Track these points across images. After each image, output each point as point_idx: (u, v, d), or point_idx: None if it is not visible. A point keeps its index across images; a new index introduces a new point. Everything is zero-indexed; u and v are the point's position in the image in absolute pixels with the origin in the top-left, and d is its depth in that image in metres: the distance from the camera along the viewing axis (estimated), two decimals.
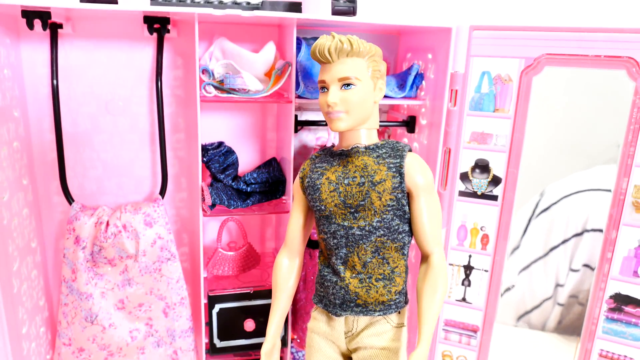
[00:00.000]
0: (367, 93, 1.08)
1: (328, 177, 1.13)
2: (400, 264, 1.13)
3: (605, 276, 1.50)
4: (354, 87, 1.06)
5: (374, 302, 1.11)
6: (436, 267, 1.10)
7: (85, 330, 1.54)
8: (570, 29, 1.37)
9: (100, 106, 1.60)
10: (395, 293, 1.12)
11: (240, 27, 1.64)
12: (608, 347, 1.53)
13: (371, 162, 1.09)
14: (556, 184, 1.92)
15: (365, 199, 1.07)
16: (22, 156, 1.47)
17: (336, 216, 1.11)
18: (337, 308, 1.14)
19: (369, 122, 1.12)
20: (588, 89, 1.50)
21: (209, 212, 1.50)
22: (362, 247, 1.10)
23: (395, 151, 1.10)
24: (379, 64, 1.10)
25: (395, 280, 1.12)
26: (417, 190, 1.09)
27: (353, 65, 1.06)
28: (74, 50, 1.53)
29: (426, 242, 1.12)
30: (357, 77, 1.06)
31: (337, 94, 1.06)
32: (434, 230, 1.11)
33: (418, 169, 1.09)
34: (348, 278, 1.11)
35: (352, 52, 1.05)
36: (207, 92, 1.45)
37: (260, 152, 1.80)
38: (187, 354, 1.66)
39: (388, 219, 1.08)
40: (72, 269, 1.53)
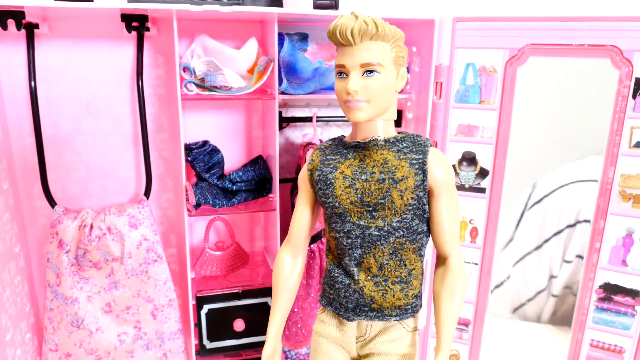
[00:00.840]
0: (390, 81, 0.98)
1: (342, 172, 1.02)
2: (417, 265, 1.05)
3: (594, 266, 1.49)
4: (377, 74, 0.95)
5: (390, 307, 1.03)
6: (455, 270, 1.03)
7: (72, 335, 1.52)
8: (554, 19, 1.36)
9: (81, 107, 1.57)
10: (412, 297, 1.05)
11: (222, 23, 1.61)
12: (599, 337, 1.53)
13: (392, 157, 1.00)
14: (548, 175, 1.92)
15: (385, 197, 0.98)
16: (1, 160, 1.44)
17: (351, 214, 1.01)
18: (350, 312, 1.05)
19: (388, 112, 1.02)
20: (574, 79, 1.49)
21: (193, 212, 1.48)
22: (380, 248, 1.01)
23: (417, 145, 1.01)
24: (402, 50, 1.00)
25: (413, 283, 1.05)
26: (439, 188, 1.00)
27: (377, 50, 0.95)
28: (52, 50, 1.50)
29: (445, 243, 1.04)
30: (380, 64, 0.95)
31: (358, 81, 0.95)
32: (454, 231, 1.04)
33: (441, 166, 1.00)
34: (362, 281, 1.03)
35: (377, 35, 0.94)
36: (189, 90, 1.43)
37: (246, 150, 1.78)
38: (177, 356, 1.65)
39: (408, 218, 1.00)
40: (57, 274, 1.50)
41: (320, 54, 1.73)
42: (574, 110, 1.69)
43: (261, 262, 1.80)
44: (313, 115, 1.60)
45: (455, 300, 1.00)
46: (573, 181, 1.88)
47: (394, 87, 1.00)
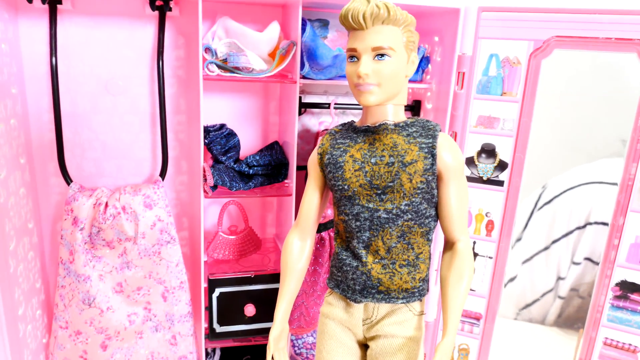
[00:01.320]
0: (401, 66, 0.99)
1: (352, 155, 1.04)
2: (425, 249, 1.07)
3: (611, 263, 1.48)
4: (388, 58, 0.97)
5: (397, 289, 1.05)
6: (462, 255, 1.04)
7: (83, 313, 1.52)
8: (581, 11, 1.35)
9: (99, 86, 1.57)
10: (419, 280, 1.06)
11: (243, 6, 1.61)
12: (613, 335, 1.51)
13: (401, 141, 1.01)
14: (559, 176, 1.90)
15: (394, 181, 1.00)
16: (19, 134, 1.44)
17: (360, 197, 1.03)
18: (357, 294, 1.06)
19: (398, 97, 1.03)
20: (599, 73, 1.48)
21: (210, 193, 1.48)
22: (388, 231, 1.02)
23: (427, 130, 1.02)
24: (413, 35, 1.01)
25: (420, 266, 1.06)
26: (448, 172, 1.01)
27: (389, 34, 0.96)
28: (73, 27, 1.50)
29: (453, 228, 1.05)
30: (392, 48, 0.96)
31: (369, 64, 0.97)
32: (462, 216, 1.05)
33: (450, 150, 1.01)
34: (370, 263, 1.04)
35: (388, 19, 0.95)
36: (210, 71, 1.42)
37: (262, 136, 1.77)
38: (186, 339, 1.64)
39: (417, 202, 1.01)
40: (70, 251, 1.50)
41: (340, 42, 1.72)
42: (593, 108, 1.68)
43: (273, 248, 1.79)
44: (331, 102, 1.59)
45: (462, 284, 1.01)
46: (584, 183, 1.87)
47: (404, 72, 1.01)
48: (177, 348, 1.64)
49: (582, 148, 1.79)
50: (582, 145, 1.78)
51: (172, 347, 1.64)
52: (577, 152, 1.81)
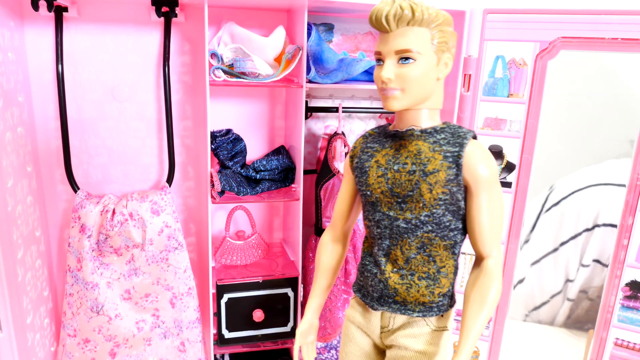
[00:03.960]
0: (429, 69, 0.92)
1: (377, 160, 1.00)
2: (448, 263, 1.00)
3: (621, 264, 1.47)
4: (412, 61, 0.91)
5: (414, 302, 1.00)
6: (489, 274, 0.96)
7: (91, 320, 1.51)
8: (587, 12, 1.35)
9: (106, 92, 1.57)
10: (438, 295, 1.00)
11: (248, 12, 1.61)
12: (623, 336, 1.51)
13: (426, 149, 0.95)
14: (566, 178, 1.90)
15: (414, 190, 0.94)
16: (26, 142, 1.44)
17: (382, 204, 0.99)
18: (375, 302, 1.04)
19: (430, 101, 0.96)
20: (605, 74, 1.48)
21: (218, 198, 1.47)
22: (407, 241, 0.98)
23: (456, 137, 0.94)
24: (446, 35, 0.93)
25: (441, 281, 0.99)
26: (477, 184, 0.93)
27: (414, 36, 0.90)
28: (79, 34, 1.50)
29: (482, 244, 0.97)
30: (417, 51, 0.90)
31: (392, 68, 0.92)
32: (493, 232, 0.96)
33: (480, 160, 0.92)
34: (388, 272, 1.01)
35: (413, 20, 0.89)
36: (217, 77, 1.42)
37: (268, 140, 1.77)
38: (195, 345, 1.63)
39: (438, 214, 0.95)
40: (78, 258, 1.49)
41: (345, 45, 1.73)
42: (600, 109, 1.68)
43: (280, 253, 1.79)
44: (339, 105, 1.59)
45: (485, 307, 0.93)
46: (592, 184, 1.86)
47: (433, 75, 0.94)
48: (186, 355, 1.63)
49: (589, 149, 1.79)
50: (589, 146, 1.78)
51: (180, 353, 1.63)
52: (584, 153, 1.81)
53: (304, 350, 1.17)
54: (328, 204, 1.60)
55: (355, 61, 1.54)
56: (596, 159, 1.83)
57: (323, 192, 1.59)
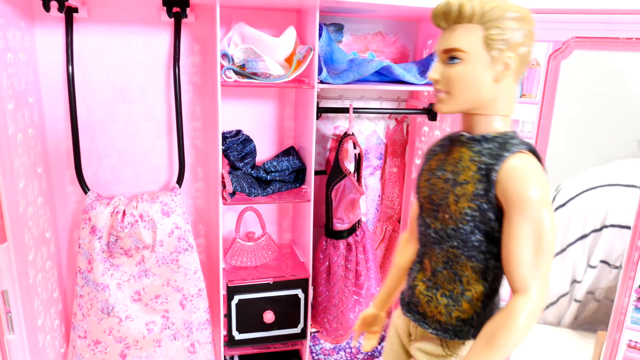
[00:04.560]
0: (478, 69, 0.84)
1: (430, 165, 0.96)
2: (475, 289, 0.90)
3: (634, 265, 1.46)
4: (458, 62, 0.85)
5: (432, 317, 0.94)
6: (510, 312, 0.81)
7: (102, 322, 1.51)
8: (601, 11, 1.34)
9: (115, 93, 1.56)
10: (457, 319, 0.91)
11: (258, 12, 1.60)
12: (637, 338, 1.50)
13: (466, 157, 0.88)
14: (573, 178, 1.89)
15: (443, 199, 0.89)
16: (36, 143, 1.44)
17: (423, 209, 0.96)
18: (404, 307, 1.02)
19: (490, 106, 0.87)
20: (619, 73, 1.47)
21: (229, 200, 1.47)
22: (435, 252, 0.93)
23: (501, 149, 0.84)
24: (507, 31, 0.83)
25: (462, 305, 0.90)
26: (508, 205, 0.82)
27: (462, 33, 0.84)
28: (89, 35, 1.50)
29: (512, 275, 0.83)
30: (464, 49, 0.83)
31: (439, 68, 0.87)
32: (525, 264, 0.82)
33: (517, 177, 0.81)
34: (419, 280, 0.98)
35: (462, 17, 0.83)
36: (228, 77, 1.41)
37: (277, 141, 1.77)
38: (205, 347, 1.63)
39: (466, 230, 0.87)
40: (88, 260, 1.49)
41: (355, 45, 1.72)
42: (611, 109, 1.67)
43: (289, 254, 1.78)
44: (349, 106, 1.58)
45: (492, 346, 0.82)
46: (600, 185, 1.85)
47: (487, 76, 0.84)
48: (196, 356, 1.63)
49: (596, 149, 1.78)
50: (596, 147, 1.76)
51: (190, 355, 1.63)
52: (591, 154, 1.80)
53: (365, 337, 1.16)
54: (339, 205, 1.59)
55: (366, 61, 1.53)
56: (604, 159, 1.82)
57: (334, 193, 1.59)
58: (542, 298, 0.82)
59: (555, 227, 0.82)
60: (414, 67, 1.60)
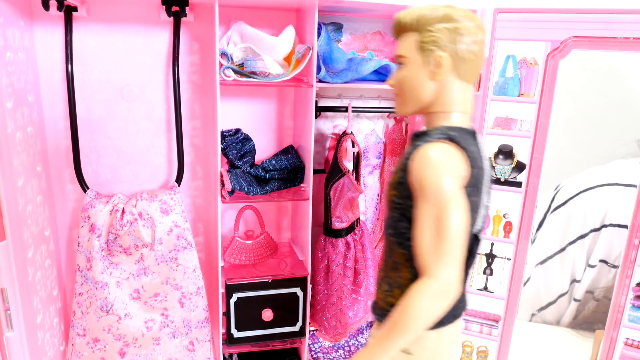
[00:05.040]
0: (415, 70, 0.91)
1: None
2: (404, 276, 0.92)
3: (631, 263, 1.47)
4: (402, 66, 0.94)
5: (377, 304, 1.00)
6: (406, 294, 0.83)
7: (101, 320, 1.51)
8: (598, 11, 1.35)
9: (115, 92, 1.57)
10: (389, 305, 0.93)
11: (257, 11, 1.61)
12: (634, 336, 1.51)
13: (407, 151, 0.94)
14: (573, 178, 1.90)
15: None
16: (35, 142, 1.44)
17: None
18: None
19: (433, 105, 0.92)
20: (617, 73, 1.48)
21: (227, 198, 1.47)
22: (383, 242, 1.03)
23: (421, 140, 0.90)
24: (435, 33, 0.88)
25: (394, 291, 0.94)
26: (414, 191, 0.86)
27: (403, 41, 0.94)
28: (89, 34, 1.50)
29: (415, 258, 0.86)
30: (404, 55, 0.93)
31: (393, 74, 0.97)
32: (425, 248, 0.83)
33: (419, 165, 0.84)
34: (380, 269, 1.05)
35: (403, 27, 0.93)
36: (227, 76, 1.42)
37: (276, 140, 1.77)
38: (204, 345, 1.63)
39: (395, 217, 0.92)
40: (87, 258, 1.49)
41: (353, 45, 1.72)
42: (609, 109, 1.67)
43: (288, 252, 1.78)
44: (348, 105, 1.59)
45: (391, 330, 0.84)
46: (599, 184, 1.86)
47: (422, 75, 0.90)
48: (195, 354, 1.64)
49: (596, 149, 1.78)
50: (596, 147, 1.77)
51: (189, 353, 1.63)
52: (591, 153, 1.80)
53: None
54: (338, 204, 1.60)
55: (364, 61, 1.53)
56: (603, 159, 1.83)
57: (333, 192, 1.59)
58: (445, 282, 0.81)
59: (460, 212, 0.82)
60: None
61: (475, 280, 1.65)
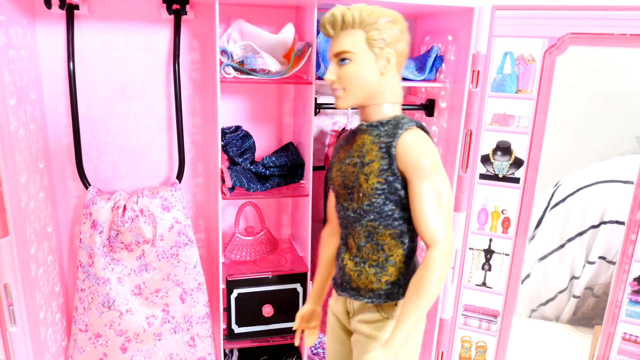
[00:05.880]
0: (366, 66, 0.98)
1: (339, 156, 1.09)
2: (396, 252, 1.03)
3: (629, 259, 1.48)
4: (348, 62, 0.98)
5: (364, 288, 1.06)
6: (427, 264, 0.95)
7: (103, 315, 1.53)
8: (595, 7, 1.36)
9: (116, 90, 1.58)
10: (386, 283, 1.04)
11: (257, 9, 1.62)
12: (631, 330, 1.52)
13: (368, 142, 1.01)
14: (572, 175, 1.91)
15: (355, 181, 1.01)
16: (38, 139, 1.45)
17: (339, 196, 1.08)
18: (338, 288, 1.12)
19: (380, 96, 1.01)
20: (614, 70, 1.49)
21: (228, 194, 1.48)
22: (356, 230, 1.05)
23: (395, 129, 0.99)
24: (383, 31, 0.97)
25: (388, 269, 1.03)
26: (410, 173, 0.96)
27: (347, 38, 0.97)
28: (90, 32, 1.51)
29: (422, 232, 0.97)
30: (351, 51, 0.97)
31: (333, 70, 1.00)
32: (433, 220, 0.96)
33: (412, 149, 0.95)
34: (346, 259, 1.08)
35: (344, 24, 0.97)
36: (227, 74, 1.43)
37: (276, 137, 1.78)
38: (205, 340, 1.65)
39: (379, 203, 0.99)
40: (89, 254, 1.51)
41: None
42: (608, 105, 1.68)
43: (289, 248, 1.80)
44: None
45: (419, 296, 0.93)
46: (598, 181, 1.87)
47: (374, 71, 0.98)
48: (196, 349, 1.65)
49: (595, 146, 1.79)
50: (595, 143, 1.78)
51: (190, 348, 1.64)
52: (590, 150, 1.81)
53: (307, 334, 1.26)
54: None
55: None
56: (602, 156, 1.84)
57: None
58: (451, 246, 0.97)
59: (449, 185, 0.98)
60: (411, 63, 1.62)
61: (474, 276, 1.66)
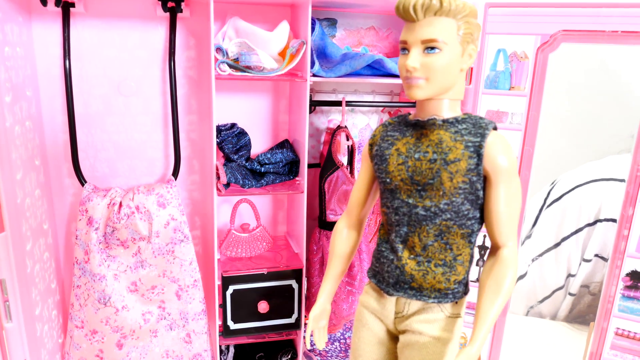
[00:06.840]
0: (454, 59, 0.94)
1: (398, 149, 1.02)
2: (464, 252, 1.02)
3: (621, 254, 1.49)
4: (438, 51, 0.92)
5: (430, 288, 1.02)
6: (506, 263, 0.98)
7: (99, 312, 1.53)
8: (587, 5, 1.37)
9: (112, 87, 1.59)
10: (454, 282, 1.02)
11: (252, 7, 1.63)
12: (624, 326, 1.53)
13: (447, 138, 0.97)
14: (568, 173, 1.92)
15: (434, 178, 0.97)
16: (34, 136, 1.46)
17: (401, 191, 1.02)
18: (390, 287, 1.06)
19: (452, 91, 0.98)
20: (606, 66, 1.49)
21: (223, 191, 1.49)
22: (425, 229, 1.00)
23: (477, 128, 0.96)
24: (472, 26, 0.94)
25: (457, 268, 1.02)
26: (497, 174, 0.95)
27: (441, 26, 0.91)
28: (86, 29, 1.52)
29: (499, 233, 0.99)
30: (444, 41, 0.91)
31: (418, 57, 0.93)
32: (510, 222, 0.98)
33: (501, 151, 0.95)
34: (405, 258, 1.03)
35: (441, 10, 0.91)
36: (222, 71, 1.44)
37: (272, 134, 1.79)
38: (200, 337, 1.65)
39: (457, 202, 0.98)
40: (85, 250, 1.51)
41: (348, 40, 1.75)
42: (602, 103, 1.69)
43: (284, 245, 1.81)
44: (342, 99, 1.61)
45: (500, 294, 0.96)
46: (594, 180, 1.88)
47: (457, 66, 0.95)
48: (192, 346, 1.66)
49: (591, 144, 1.80)
50: (591, 141, 1.79)
51: (186, 345, 1.65)
52: (585, 148, 1.82)
53: (316, 334, 1.20)
54: (332, 197, 1.62)
55: (358, 55, 1.55)
56: (598, 154, 1.85)
57: (327, 185, 1.61)
58: (517, 246, 1.02)
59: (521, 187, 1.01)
60: None
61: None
